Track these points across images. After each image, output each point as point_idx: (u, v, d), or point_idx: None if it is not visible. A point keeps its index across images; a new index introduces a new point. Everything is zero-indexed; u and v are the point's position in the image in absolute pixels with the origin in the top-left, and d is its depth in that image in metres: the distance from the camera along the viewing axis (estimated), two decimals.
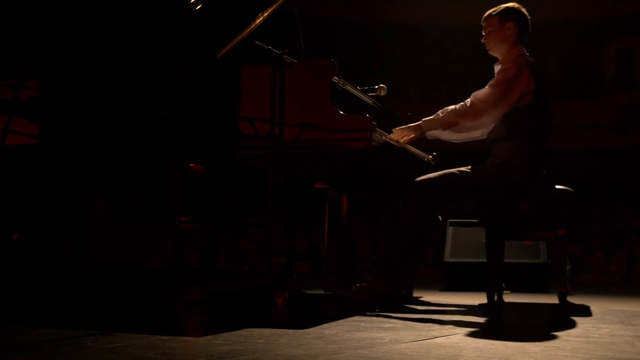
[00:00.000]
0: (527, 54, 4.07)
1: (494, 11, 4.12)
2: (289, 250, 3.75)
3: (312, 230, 10.43)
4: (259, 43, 3.61)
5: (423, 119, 4.11)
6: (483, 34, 4.14)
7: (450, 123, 4.04)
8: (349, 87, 3.90)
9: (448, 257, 5.66)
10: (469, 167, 4.01)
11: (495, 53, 4.14)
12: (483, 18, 4.15)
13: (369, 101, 4.29)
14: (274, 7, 3.95)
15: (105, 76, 4.10)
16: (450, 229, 5.77)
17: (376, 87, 4.38)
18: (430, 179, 3.93)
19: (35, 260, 6.20)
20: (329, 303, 4.01)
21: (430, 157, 4.71)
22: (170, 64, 4.14)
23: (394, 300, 3.99)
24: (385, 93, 4.40)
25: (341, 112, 3.59)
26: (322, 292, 4.31)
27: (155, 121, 3.97)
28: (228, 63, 3.75)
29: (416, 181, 3.92)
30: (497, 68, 4.09)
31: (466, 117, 3.98)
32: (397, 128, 4.11)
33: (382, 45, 14.43)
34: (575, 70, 14.18)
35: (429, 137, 4.16)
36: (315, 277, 5.21)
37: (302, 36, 4.28)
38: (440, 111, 4.08)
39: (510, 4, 4.14)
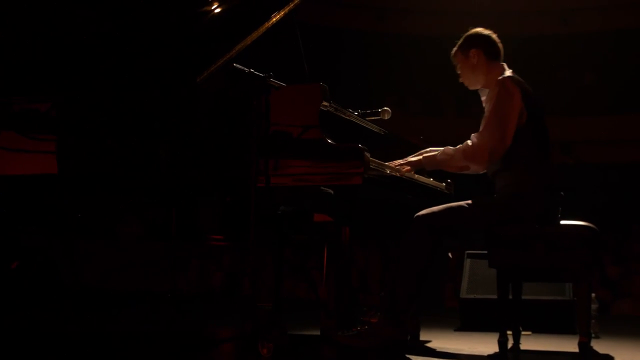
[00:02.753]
0: (508, 70, 3.68)
1: (456, 46, 3.83)
2: (277, 292, 3.40)
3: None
4: (238, 66, 3.25)
5: (424, 155, 3.73)
6: (458, 72, 3.83)
7: (459, 168, 3.69)
8: (342, 113, 3.54)
9: (464, 293, 5.20)
10: (477, 199, 3.61)
11: (475, 86, 3.83)
12: (451, 58, 3.86)
13: (373, 128, 3.93)
14: (266, 26, 3.62)
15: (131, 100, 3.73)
16: (467, 262, 5.31)
17: (379, 110, 4.02)
18: (433, 213, 3.53)
19: (36, 291, 5.97)
20: (323, 351, 3.63)
21: (444, 184, 4.31)
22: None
23: (396, 348, 3.60)
24: (389, 117, 4.04)
25: (330, 142, 3.21)
26: (320, 334, 3.93)
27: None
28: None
29: (417, 216, 3.53)
30: (483, 94, 3.75)
31: (475, 162, 3.61)
32: (395, 161, 3.74)
33: (415, 59, 14.05)
34: (615, 82, 13.60)
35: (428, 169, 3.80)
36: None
37: (304, 55, 3.92)
38: (444, 149, 3.70)
39: (468, 32, 3.82)
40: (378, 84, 14.51)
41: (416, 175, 3.86)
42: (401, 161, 3.75)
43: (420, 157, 3.75)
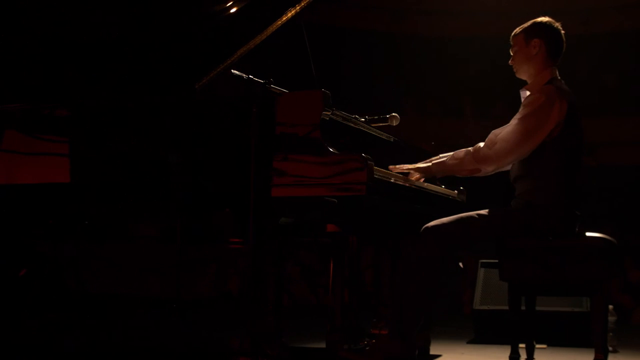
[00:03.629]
0: (559, 77, 3.51)
1: (521, 28, 3.56)
2: (277, 306, 3.28)
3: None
4: (236, 72, 3.13)
5: (433, 162, 3.59)
6: (511, 53, 3.59)
7: (470, 171, 3.52)
8: (346, 120, 3.40)
9: (478, 304, 5.02)
10: (490, 209, 3.45)
11: (522, 75, 3.58)
12: (511, 37, 3.60)
13: (382, 135, 3.80)
14: (271, 28, 3.50)
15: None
16: (481, 271, 5.13)
17: (387, 116, 3.88)
18: (442, 225, 3.37)
19: (44, 300, 5.89)
20: None
21: (456, 192, 4.16)
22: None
23: None
24: (397, 123, 3.90)
25: (332, 150, 3.08)
26: (325, 346, 3.80)
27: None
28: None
29: (426, 228, 3.37)
30: (523, 94, 3.54)
31: (487, 162, 3.44)
32: (396, 166, 3.59)
33: (433, 60, 13.88)
34: (637, 82, 13.33)
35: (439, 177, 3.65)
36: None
37: (312, 59, 3.79)
38: (453, 154, 3.54)
39: (539, 19, 3.57)
40: (396, 86, 14.36)
41: (425, 184, 3.72)
42: (409, 166, 3.61)
43: (430, 163, 3.61)
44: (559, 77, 3.51)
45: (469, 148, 3.50)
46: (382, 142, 3.87)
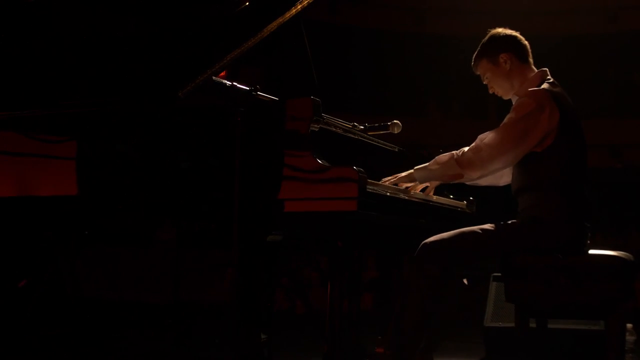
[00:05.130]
0: (551, 79, 3.25)
1: (478, 54, 3.36)
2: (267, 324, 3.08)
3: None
4: (217, 79, 2.91)
5: (415, 167, 3.34)
6: (485, 83, 3.36)
7: (452, 176, 3.27)
8: (339, 129, 3.18)
9: (489, 321, 4.76)
10: (494, 224, 3.22)
11: (510, 95, 3.36)
12: (473, 68, 3.39)
13: (386, 145, 3.60)
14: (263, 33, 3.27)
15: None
16: (493, 285, 4.87)
17: (389, 123, 3.66)
18: (442, 240, 3.14)
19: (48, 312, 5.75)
20: None
21: (464, 202, 3.92)
22: None
23: None
24: (399, 130, 3.67)
25: (321, 162, 2.86)
26: None
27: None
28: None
29: (424, 244, 3.15)
30: (514, 100, 3.31)
31: (471, 167, 3.18)
32: (385, 178, 3.37)
33: (457, 60, 13.66)
34: None
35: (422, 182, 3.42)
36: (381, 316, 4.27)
37: (313, 64, 3.58)
38: (436, 158, 3.31)
39: (489, 35, 3.36)
40: (419, 86, 14.16)
41: (435, 197, 3.50)
42: (391, 178, 3.38)
43: (412, 170, 3.37)
44: (551, 79, 3.26)
45: (454, 152, 3.26)
46: (383, 152, 3.65)
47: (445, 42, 14.03)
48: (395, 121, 3.66)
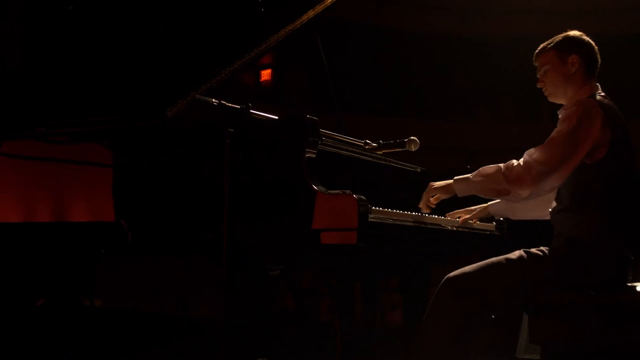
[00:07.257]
0: (602, 93, 2.90)
1: (549, 44, 2.96)
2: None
3: None
4: (201, 97, 2.63)
5: (455, 178, 3.00)
6: (537, 76, 3.00)
7: (497, 192, 2.89)
8: (342, 150, 2.87)
9: (522, 353, 4.37)
10: (522, 253, 2.86)
11: (558, 99, 2.99)
12: (535, 55, 3.00)
13: (406, 166, 3.28)
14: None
15: None
16: (526, 316, 4.49)
17: (405, 140, 3.35)
18: (463, 276, 2.80)
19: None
20: None
21: (493, 224, 3.56)
22: None
23: None
24: (417, 148, 3.36)
25: (316, 188, 2.55)
26: None
27: None
28: None
29: (446, 279, 2.81)
30: (560, 115, 2.95)
31: (520, 184, 2.80)
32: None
33: (507, 61, 13.27)
34: None
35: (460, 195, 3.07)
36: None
37: (330, 76, 3.30)
38: (480, 170, 2.95)
39: (570, 33, 2.98)
40: (468, 89, 13.83)
41: (463, 223, 3.18)
42: (428, 195, 3.05)
43: (450, 180, 3.03)
44: (602, 92, 2.90)
45: (500, 164, 2.90)
46: (402, 173, 3.34)
47: (493, 44, 13.68)
48: (412, 137, 3.35)
